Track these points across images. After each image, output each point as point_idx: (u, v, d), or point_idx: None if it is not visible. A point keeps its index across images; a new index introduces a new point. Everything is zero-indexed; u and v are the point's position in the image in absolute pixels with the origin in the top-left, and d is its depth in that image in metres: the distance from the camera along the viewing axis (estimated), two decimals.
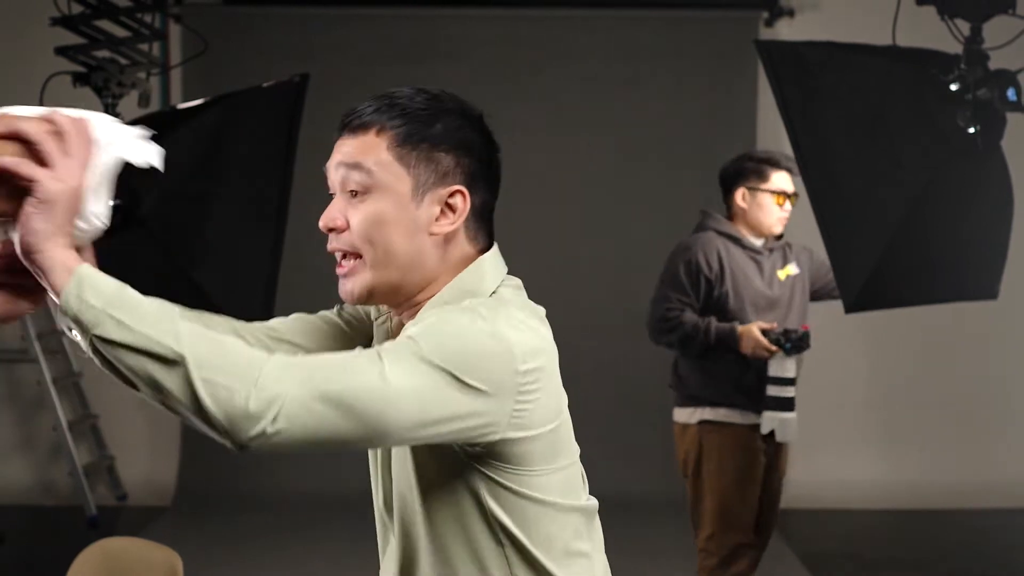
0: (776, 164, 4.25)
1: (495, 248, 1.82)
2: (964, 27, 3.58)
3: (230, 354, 1.53)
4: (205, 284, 3.80)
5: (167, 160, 3.92)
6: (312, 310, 6.80)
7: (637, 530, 6.40)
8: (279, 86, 3.87)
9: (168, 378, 1.54)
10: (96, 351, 1.56)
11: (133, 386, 1.61)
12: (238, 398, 1.50)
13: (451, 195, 1.72)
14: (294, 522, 6.68)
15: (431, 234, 1.71)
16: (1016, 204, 3.70)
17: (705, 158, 7.27)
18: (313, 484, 7.06)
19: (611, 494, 6.99)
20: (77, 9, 3.99)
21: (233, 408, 1.50)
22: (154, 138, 3.88)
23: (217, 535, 6.44)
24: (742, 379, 4.21)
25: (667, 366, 4.49)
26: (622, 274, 7.26)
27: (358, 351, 1.60)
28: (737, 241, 4.29)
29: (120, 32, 4.13)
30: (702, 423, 4.27)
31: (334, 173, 1.76)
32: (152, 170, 3.77)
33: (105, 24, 4.09)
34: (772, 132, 6.98)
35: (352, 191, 1.73)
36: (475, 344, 1.61)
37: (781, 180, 4.24)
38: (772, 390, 4.15)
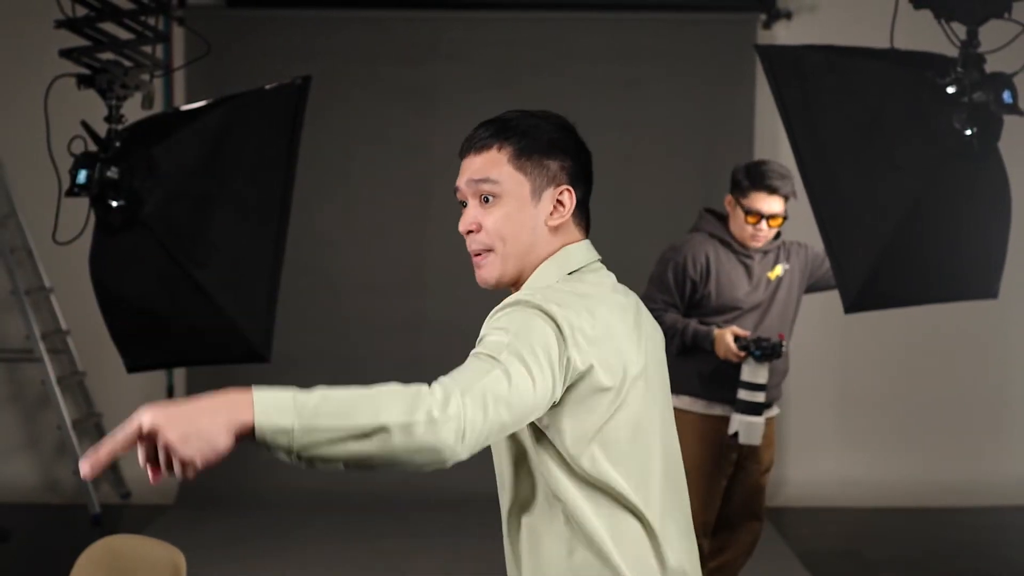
0: (759, 185, 4.23)
1: (585, 242, 2.17)
2: (960, 30, 3.57)
3: (404, 395, 1.72)
4: (207, 284, 3.79)
5: (170, 161, 3.92)
6: (313, 309, 6.81)
7: None
8: (281, 88, 3.87)
9: (372, 445, 1.70)
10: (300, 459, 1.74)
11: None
12: (433, 432, 1.70)
13: (560, 193, 2.08)
14: (296, 520, 6.67)
15: (548, 226, 2.07)
16: (1015, 205, 3.70)
17: (703, 159, 7.27)
18: (315, 483, 7.05)
19: None
20: (81, 12, 3.98)
21: (430, 440, 1.70)
22: (157, 139, 3.88)
23: (220, 533, 6.44)
24: (708, 372, 4.30)
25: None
26: (621, 274, 7.24)
27: (475, 359, 1.85)
28: (727, 244, 4.35)
29: (124, 34, 4.12)
30: None
31: (465, 187, 2.08)
32: (154, 171, 3.77)
33: (109, 26, 4.08)
34: (770, 134, 6.98)
35: (484, 199, 2.06)
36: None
37: (759, 201, 4.23)
38: (742, 394, 4.23)
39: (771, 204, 4.22)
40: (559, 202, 2.08)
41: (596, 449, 1.96)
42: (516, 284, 2.10)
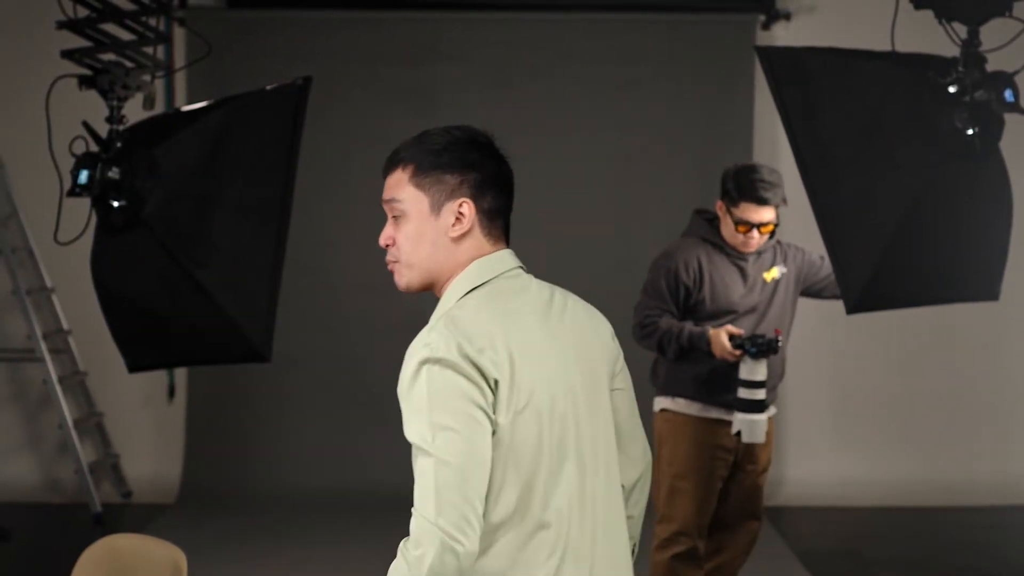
0: (748, 196, 4.16)
1: (497, 253, 2.29)
2: (961, 30, 3.56)
3: None
4: (208, 284, 3.78)
5: (171, 162, 3.91)
6: (314, 309, 6.81)
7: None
8: (282, 89, 3.86)
9: None
10: None
11: None
12: None
13: (460, 206, 2.21)
14: (297, 519, 6.66)
15: (450, 237, 2.21)
16: (1016, 205, 3.69)
17: (702, 160, 7.26)
18: (316, 482, 7.04)
19: None
20: (83, 13, 3.97)
21: None
22: (158, 140, 3.87)
23: (221, 532, 6.43)
24: (705, 374, 4.29)
25: (661, 365, 4.53)
26: (620, 275, 7.24)
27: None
28: (719, 247, 4.33)
29: (125, 35, 4.11)
30: (662, 411, 4.43)
31: (384, 205, 2.25)
32: (155, 172, 3.76)
33: (110, 27, 4.07)
34: (769, 135, 6.98)
35: (395, 217, 2.24)
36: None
37: (748, 211, 4.17)
38: (742, 392, 4.21)
39: (761, 214, 4.18)
40: (460, 214, 2.20)
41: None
42: (432, 288, 2.27)
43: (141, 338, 3.95)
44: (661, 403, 4.43)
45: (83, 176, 3.72)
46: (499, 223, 2.30)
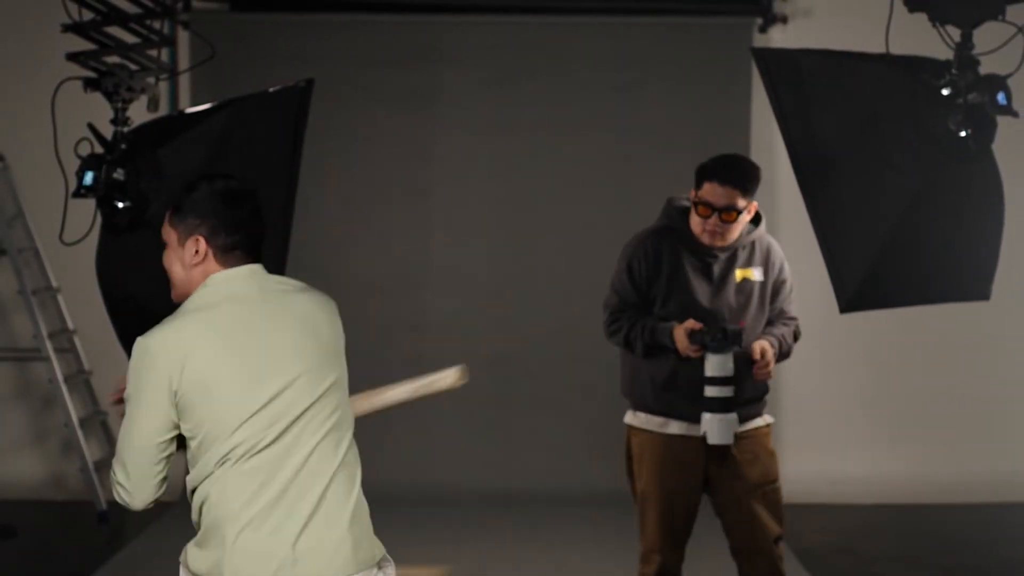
0: (710, 175, 3.96)
1: (223, 273, 2.74)
2: (955, 33, 3.56)
3: None
4: None
5: (175, 163, 3.91)
6: None
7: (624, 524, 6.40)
8: (285, 91, 3.86)
9: None
10: None
11: None
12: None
13: (197, 242, 2.70)
14: None
15: (192, 264, 2.72)
16: (1008, 206, 3.69)
17: (699, 161, 7.23)
18: None
19: (604, 490, 6.96)
20: (88, 16, 3.97)
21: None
22: (162, 141, 3.87)
23: None
24: (664, 381, 4.04)
25: None
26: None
27: None
28: (685, 239, 4.06)
29: (130, 38, 4.12)
30: (628, 426, 4.23)
31: None
32: (160, 173, 3.76)
33: (115, 30, 4.07)
34: (765, 136, 6.97)
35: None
36: None
37: (709, 191, 3.94)
38: (708, 390, 3.92)
39: (722, 196, 3.89)
40: (196, 250, 2.70)
41: None
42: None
43: None
44: (627, 417, 4.23)
45: (88, 177, 3.72)
46: (235, 256, 2.76)
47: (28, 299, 6.90)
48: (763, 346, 4.00)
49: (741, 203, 3.94)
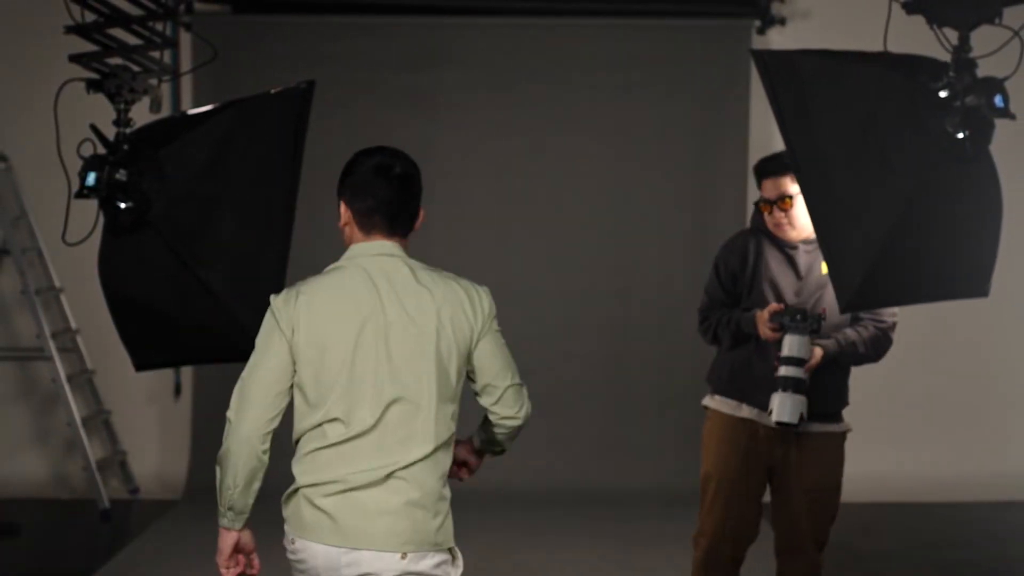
0: (760, 174, 4.16)
1: (363, 244, 3.03)
2: (952, 36, 3.56)
3: None
4: (213, 284, 3.78)
5: (177, 164, 3.91)
6: None
7: (642, 522, 6.40)
8: (286, 92, 3.86)
9: None
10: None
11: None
12: None
13: (341, 204, 3.01)
14: None
15: (341, 226, 3.06)
16: (1011, 206, 3.70)
17: (698, 162, 7.27)
18: None
19: (618, 488, 6.93)
20: (91, 18, 3.97)
21: None
22: (164, 142, 3.87)
23: None
24: (741, 367, 4.12)
25: (664, 363, 4.42)
26: (615, 276, 7.26)
27: None
28: (771, 238, 4.17)
29: (132, 40, 4.11)
30: (704, 408, 4.30)
31: None
32: (162, 174, 3.76)
33: (118, 32, 4.07)
34: (764, 137, 6.98)
35: None
36: None
37: (766, 188, 4.12)
38: (780, 369, 3.94)
39: (776, 186, 4.07)
40: (340, 213, 3.03)
41: None
42: None
43: (148, 337, 3.95)
44: (704, 399, 4.29)
45: (91, 178, 3.72)
46: (369, 223, 3.01)
47: (31, 299, 6.90)
48: (817, 352, 4.03)
49: (793, 188, 4.03)
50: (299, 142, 3.82)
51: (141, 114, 4.01)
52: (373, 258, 2.97)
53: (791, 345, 3.92)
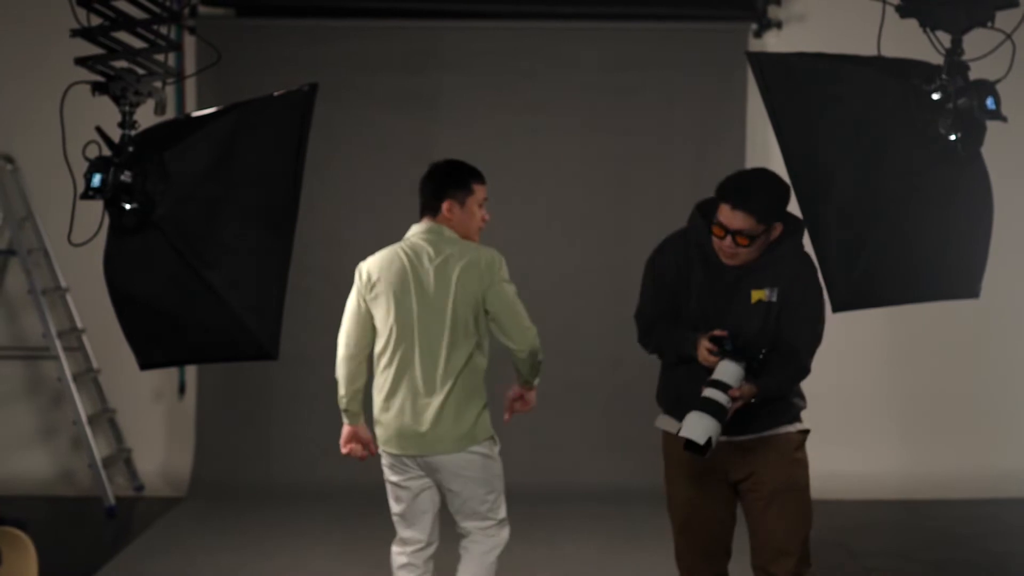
0: (724, 195, 3.79)
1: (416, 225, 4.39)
2: (945, 39, 3.57)
3: None
4: (217, 285, 3.78)
5: (181, 165, 3.92)
6: (319, 308, 6.96)
7: (640, 518, 6.41)
8: (289, 95, 3.86)
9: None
10: None
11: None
12: None
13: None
14: (304, 511, 6.67)
15: None
16: (1002, 207, 3.70)
17: (695, 164, 7.27)
18: (321, 475, 7.05)
19: (602, 486, 6.96)
20: (96, 21, 3.97)
21: None
22: (169, 144, 3.87)
23: (230, 524, 6.44)
24: (685, 389, 3.85)
25: (656, 363, 4.29)
26: (614, 277, 7.25)
27: None
28: (702, 249, 3.89)
29: (137, 43, 4.11)
30: (659, 429, 4.11)
31: None
32: (166, 175, 3.76)
33: (123, 36, 4.07)
34: (760, 139, 6.99)
35: None
36: None
37: (721, 211, 3.77)
38: (704, 391, 3.68)
39: (736, 219, 3.73)
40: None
41: None
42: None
43: (152, 337, 3.95)
44: (657, 421, 4.10)
45: (96, 179, 3.72)
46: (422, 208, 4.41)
47: (38, 299, 6.91)
48: (747, 391, 3.74)
49: (756, 228, 3.75)
50: (302, 144, 3.82)
51: (146, 116, 4.01)
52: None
53: (721, 370, 3.67)
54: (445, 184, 4.37)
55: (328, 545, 6.11)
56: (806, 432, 4.00)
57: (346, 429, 4.34)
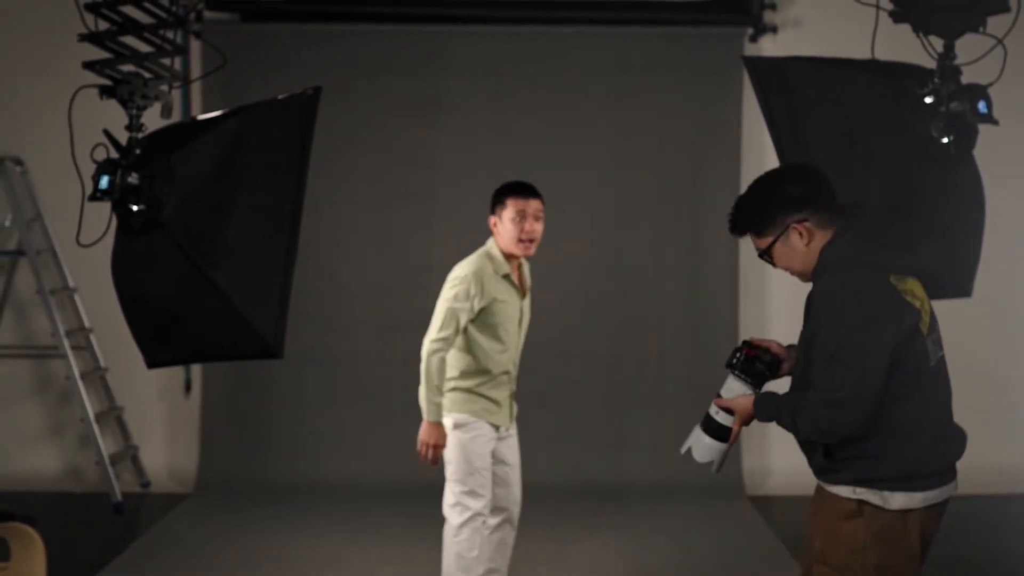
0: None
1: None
2: (938, 44, 3.58)
3: None
4: (222, 285, 3.79)
5: (187, 168, 3.92)
6: (322, 308, 6.93)
7: (641, 515, 6.39)
8: (293, 98, 3.86)
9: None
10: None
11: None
12: None
13: None
14: (308, 508, 6.67)
15: None
16: (1000, 207, 3.71)
17: (692, 168, 7.28)
18: (326, 472, 7.05)
19: (608, 479, 6.95)
20: (104, 26, 3.98)
21: None
22: (175, 147, 3.87)
23: (236, 520, 6.44)
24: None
25: (661, 361, 4.29)
26: (613, 278, 7.26)
27: None
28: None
29: (144, 47, 4.12)
30: None
31: None
32: (173, 177, 3.77)
33: (130, 40, 4.08)
34: (756, 142, 6.99)
35: None
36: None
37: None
38: (710, 408, 3.30)
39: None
40: None
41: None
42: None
43: (159, 336, 3.95)
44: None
45: (104, 181, 3.72)
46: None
47: (46, 299, 6.91)
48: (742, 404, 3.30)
49: (759, 243, 3.15)
50: (306, 146, 3.82)
51: (153, 119, 4.02)
52: None
53: (726, 385, 3.28)
54: (492, 201, 4.66)
55: (333, 541, 6.11)
56: (863, 503, 3.10)
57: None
